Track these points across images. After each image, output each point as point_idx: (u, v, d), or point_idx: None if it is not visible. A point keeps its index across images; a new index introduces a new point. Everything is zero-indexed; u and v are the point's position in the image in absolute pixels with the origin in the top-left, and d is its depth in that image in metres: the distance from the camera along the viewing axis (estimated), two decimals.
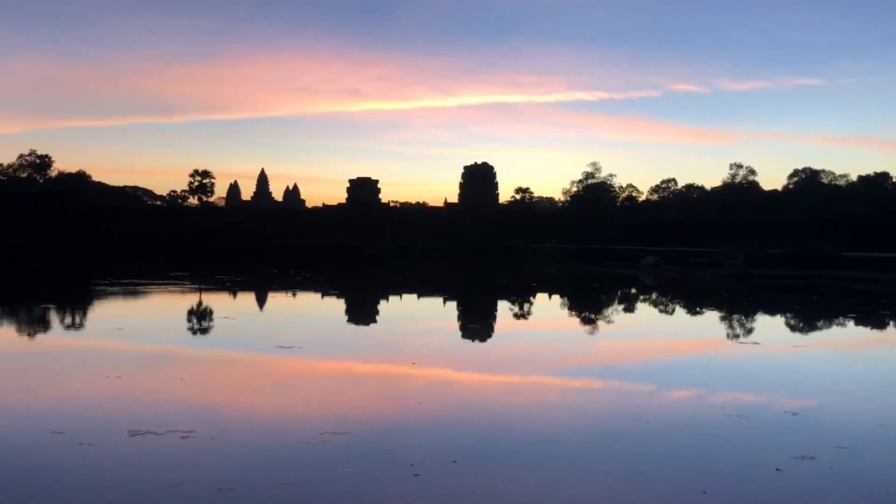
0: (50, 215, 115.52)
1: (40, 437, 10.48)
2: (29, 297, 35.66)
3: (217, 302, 33.70)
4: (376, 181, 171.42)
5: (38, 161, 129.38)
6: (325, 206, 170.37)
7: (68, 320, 26.44)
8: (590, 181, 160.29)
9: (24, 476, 8.87)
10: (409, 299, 37.44)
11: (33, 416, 11.86)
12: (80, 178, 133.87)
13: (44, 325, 24.90)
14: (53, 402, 13.00)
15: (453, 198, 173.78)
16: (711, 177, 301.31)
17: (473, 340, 22.97)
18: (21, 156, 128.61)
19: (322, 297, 39.00)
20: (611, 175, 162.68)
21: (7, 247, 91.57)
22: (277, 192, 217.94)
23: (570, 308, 36.01)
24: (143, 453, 9.75)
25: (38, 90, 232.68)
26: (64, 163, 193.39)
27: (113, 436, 10.51)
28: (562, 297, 42.13)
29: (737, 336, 24.95)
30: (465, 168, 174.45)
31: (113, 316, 27.78)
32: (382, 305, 34.76)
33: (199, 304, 32.19)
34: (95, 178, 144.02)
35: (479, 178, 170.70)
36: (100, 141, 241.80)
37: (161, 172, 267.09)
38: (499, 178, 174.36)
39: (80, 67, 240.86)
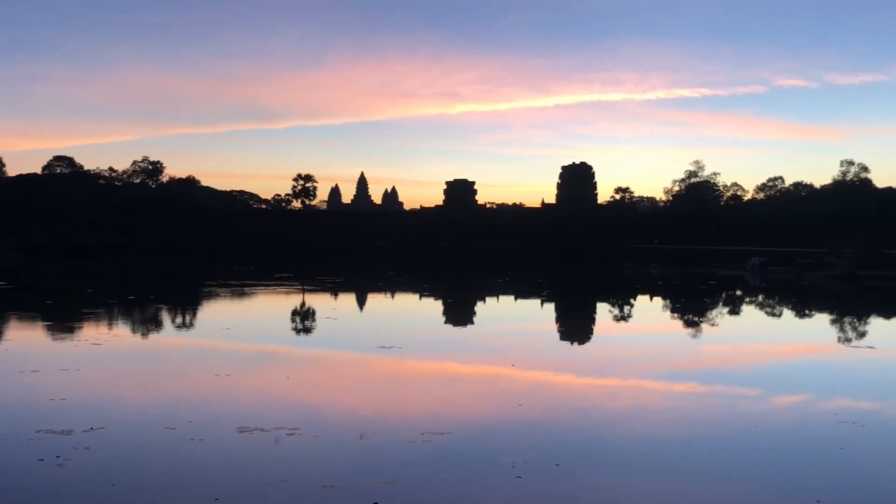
0: (161, 219, 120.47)
1: (154, 432, 10.91)
2: (143, 297, 37.24)
3: (319, 302, 34.43)
4: (473, 182, 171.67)
5: (150, 167, 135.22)
6: (422, 207, 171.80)
7: (179, 320, 27.50)
8: (692, 180, 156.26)
9: (139, 469, 9.26)
10: (507, 301, 37.35)
11: (148, 411, 12.37)
12: (190, 182, 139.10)
13: (157, 324, 25.97)
14: (166, 398, 13.53)
15: (550, 198, 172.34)
16: (821, 174, 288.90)
17: (573, 342, 22.73)
18: (135, 162, 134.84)
19: (420, 297, 39.35)
20: (714, 173, 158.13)
21: (120, 249, 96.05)
22: (376, 195, 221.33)
23: (673, 310, 35.21)
24: (251, 449, 10.03)
25: (151, 99, 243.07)
26: (174, 168, 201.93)
27: (222, 432, 10.86)
28: (664, 299, 41.23)
29: (849, 340, 23.87)
30: (563, 168, 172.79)
31: (221, 316, 28.75)
32: (480, 307, 34.79)
33: (303, 304, 32.96)
34: (204, 182, 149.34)
35: (577, 179, 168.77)
36: (208, 147, 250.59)
37: (266, 177, 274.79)
38: (597, 178, 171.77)
39: (192, 77, 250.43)
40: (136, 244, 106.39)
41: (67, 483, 8.59)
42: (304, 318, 27.28)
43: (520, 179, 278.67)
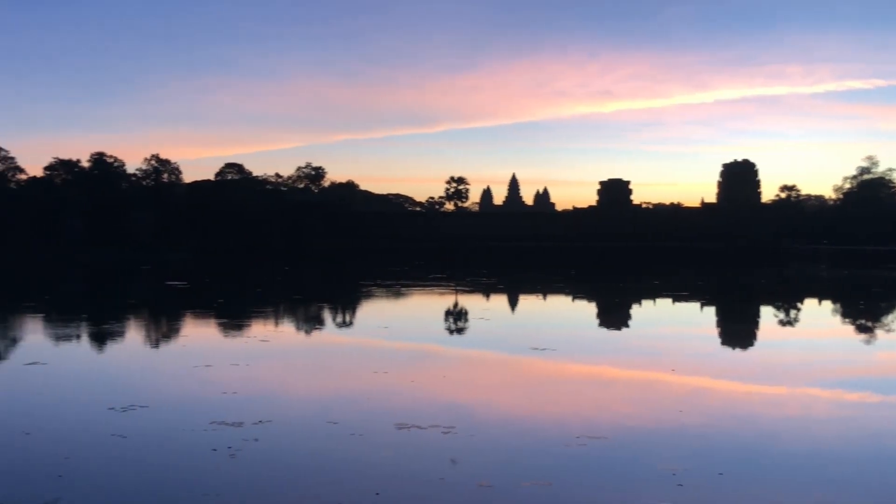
0: (325, 222, 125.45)
1: (318, 426, 11.36)
2: (307, 297, 38.90)
3: (472, 303, 34.77)
4: (627, 182, 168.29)
5: (313, 172, 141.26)
6: (574, 208, 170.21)
7: (340, 319, 28.54)
8: (865, 177, 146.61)
9: (304, 461, 9.66)
10: (664, 303, 36.34)
11: (312, 406, 12.89)
12: (349, 187, 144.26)
13: (319, 322, 27.06)
14: (329, 393, 14.06)
15: (710, 198, 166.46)
16: None
17: (735, 347, 21.82)
18: (299, 168, 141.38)
19: (573, 299, 38.95)
20: (890, 169, 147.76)
21: (286, 251, 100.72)
22: (528, 196, 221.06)
23: (845, 314, 33.08)
24: (409, 446, 10.24)
25: (315, 107, 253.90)
26: (335, 173, 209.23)
27: (381, 428, 11.15)
28: (834, 302, 38.85)
29: None
30: (724, 166, 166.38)
31: (379, 315, 29.61)
32: (636, 309, 34.03)
33: (456, 305, 33.38)
34: (363, 186, 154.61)
35: (738, 177, 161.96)
36: (366, 152, 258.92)
37: (420, 180, 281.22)
38: (761, 176, 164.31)
39: (352, 85, 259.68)
40: (301, 247, 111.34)
41: (239, 473, 9.08)
42: (457, 319, 27.62)
43: (677, 178, 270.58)
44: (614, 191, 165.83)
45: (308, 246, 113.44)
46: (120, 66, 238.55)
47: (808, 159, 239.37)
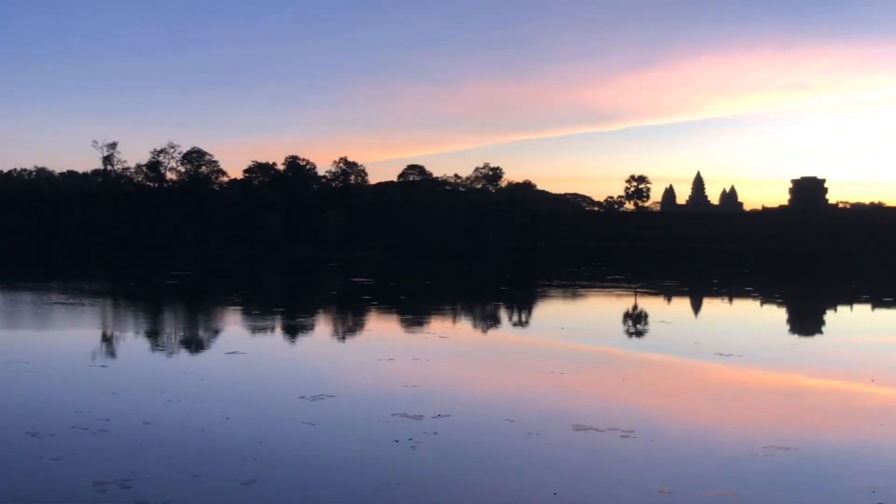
0: (502, 221, 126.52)
1: (495, 422, 11.47)
2: (484, 295, 39.42)
3: (653, 306, 33.91)
4: (822, 181, 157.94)
5: (490, 173, 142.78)
6: (764, 208, 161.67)
7: (516, 318, 28.69)
8: None
9: (482, 456, 9.78)
10: (862, 310, 33.84)
11: (489, 402, 13.04)
12: (526, 187, 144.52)
13: (496, 321, 27.34)
14: (505, 391, 14.18)
15: None
16: None
17: None
18: (476, 168, 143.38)
19: (761, 303, 37.06)
20: None
21: (466, 250, 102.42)
22: (713, 195, 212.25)
23: None
24: (586, 448, 10.15)
25: (492, 109, 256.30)
26: (512, 174, 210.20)
27: (558, 428, 11.11)
28: None
29: None
30: None
31: (555, 315, 29.51)
32: (830, 315, 31.91)
33: (636, 307, 32.67)
34: (540, 186, 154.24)
35: None
36: (544, 151, 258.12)
37: (598, 179, 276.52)
38: None
39: (528, 85, 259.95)
40: (479, 246, 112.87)
41: (419, 465, 9.35)
42: (637, 321, 27.03)
43: (880, 177, 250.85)
44: (808, 189, 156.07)
45: (486, 245, 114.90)
46: (312, 75, 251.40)
47: None
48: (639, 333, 23.87)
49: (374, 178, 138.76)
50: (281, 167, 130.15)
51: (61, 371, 15.67)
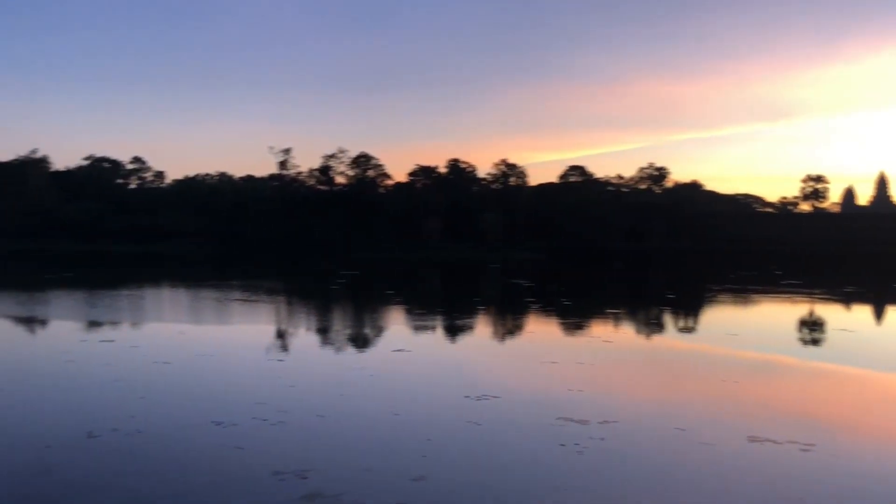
0: (668, 223, 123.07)
1: (665, 431, 11.14)
2: (649, 298, 38.45)
3: (832, 313, 31.88)
4: None
5: (655, 173, 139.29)
6: None
7: (683, 323, 27.80)
8: None
9: (651, 465, 9.53)
10: None
11: (657, 410, 12.66)
12: (693, 187, 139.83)
13: (662, 326, 26.59)
14: (674, 399, 13.74)
15: None
16: None
17: None
18: (641, 168, 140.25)
19: None
20: None
21: (629, 252, 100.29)
22: None
23: None
24: (764, 461, 9.66)
25: (657, 106, 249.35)
26: (678, 173, 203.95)
27: (732, 439, 10.64)
28: None
29: None
30: None
31: (726, 321, 28.34)
32: None
33: (812, 314, 30.85)
34: (708, 187, 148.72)
35: None
36: (712, 150, 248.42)
37: (771, 179, 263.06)
38: None
39: (697, 81, 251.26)
40: (644, 248, 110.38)
41: (586, 470, 9.23)
42: (814, 329, 25.51)
43: None
44: None
45: (650, 248, 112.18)
46: (473, 79, 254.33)
47: None
48: (816, 342, 22.52)
49: (534, 180, 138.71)
50: (443, 170, 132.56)
51: (242, 364, 16.63)
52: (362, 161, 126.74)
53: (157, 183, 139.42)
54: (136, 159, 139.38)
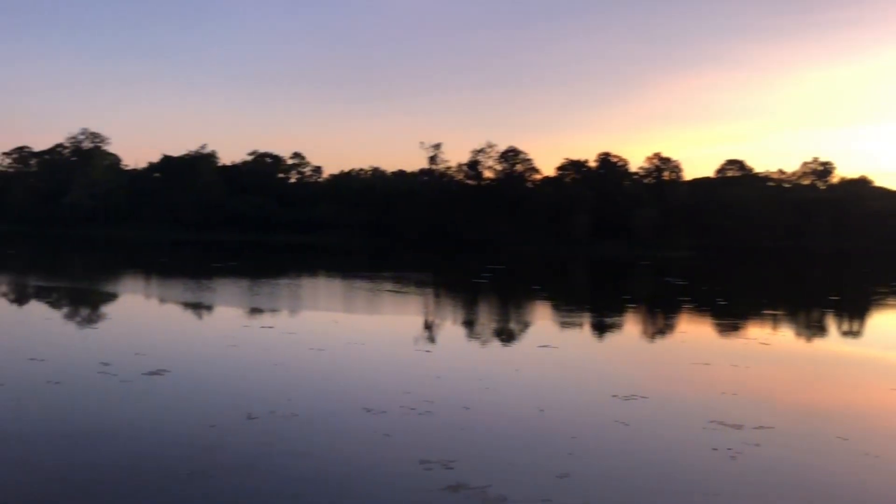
0: (832, 221, 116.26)
1: (824, 439, 10.55)
2: (810, 299, 36.46)
3: None
4: None
5: (820, 168, 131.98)
6: None
7: (846, 326, 26.20)
8: None
9: (808, 476, 9.04)
10: None
11: (816, 417, 11.99)
12: (862, 183, 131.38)
13: (822, 328, 25.18)
14: (836, 406, 12.97)
15: None
16: None
17: None
18: (804, 163, 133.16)
19: None
20: None
21: (788, 250, 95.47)
22: None
23: None
24: None
25: (823, 96, 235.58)
26: (846, 169, 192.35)
27: None
28: None
29: None
30: None
31: (892, 326, 26.52)
32: None
33: None
34: (878, 183, 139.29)
35: None
36: (885, 143, 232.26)
37: None
38: None
39: (868, 69, 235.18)
40: (805, 247, 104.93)
41: (740, 477, 8.86)
42: None
43: None
44: None
45: (813, 247, 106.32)
46: (625, 70, 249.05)
47: None
48: None
49: (689, 174, 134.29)
50: (593, 164, 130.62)
51: (391, 353, 17.06)
52: (510, 155, 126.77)
53: (314, 178, 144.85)
54: (296, 155, 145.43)
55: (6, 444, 9.25)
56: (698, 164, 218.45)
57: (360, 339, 18.79)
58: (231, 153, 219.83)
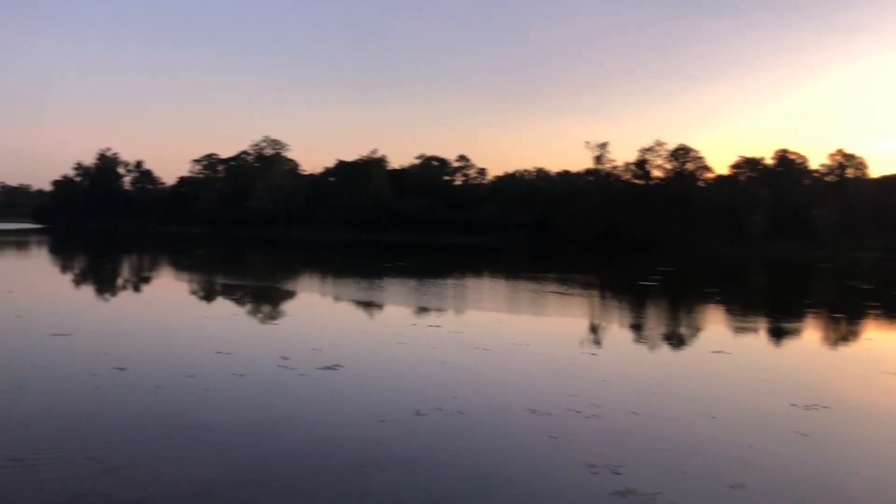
0: None
1: None
2: None
3: None
4: None
5: None
6: None
7: None
8: None
9: None
10: None
11: None
12: None
13: None
14: None
15: None
16: None
17: None
18: None
19: None
20: None
21: None
22: None
23: None
24: None
25: None
26: None
27: None
28: None
29: None
30: None
31: None
32: None
33: None
34: None
35: None
36: None
37: None
38: None
39: None
40: None
41: None
42: None
43: None
44: None
45: None
46: (797, 62, 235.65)
47: None
48: None
49: (877, 171, 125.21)
50: (770, 161, 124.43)
51: (556, 355, 16.96)
52: (681, 153, 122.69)
53: (479, 179, 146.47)
54: (461, 157, 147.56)
55: (199, 432, 9.95)
56: (885, 160, 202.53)
57: (525, 339, 18.81)
58: (399, 157, 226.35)
